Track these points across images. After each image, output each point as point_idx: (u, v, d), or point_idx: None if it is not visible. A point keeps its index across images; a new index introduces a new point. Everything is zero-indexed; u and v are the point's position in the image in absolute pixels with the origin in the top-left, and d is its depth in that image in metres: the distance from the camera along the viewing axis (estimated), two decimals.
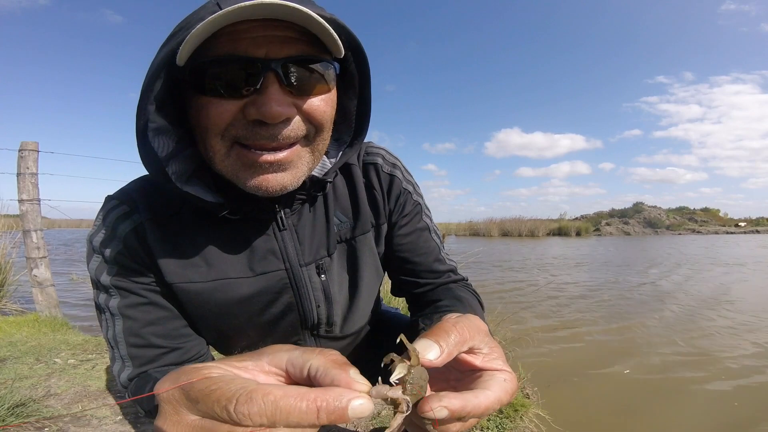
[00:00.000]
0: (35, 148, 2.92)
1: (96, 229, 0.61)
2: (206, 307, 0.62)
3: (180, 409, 0.29)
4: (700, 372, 2.67)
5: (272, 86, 0.48)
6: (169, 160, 0.55)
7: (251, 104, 0.49)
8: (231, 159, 0.53)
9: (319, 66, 0.52)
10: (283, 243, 0.65)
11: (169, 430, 0.29)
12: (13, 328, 2.57)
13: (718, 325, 3.78)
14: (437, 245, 0.80)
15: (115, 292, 0.60)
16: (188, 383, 0.29)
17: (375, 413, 1.60)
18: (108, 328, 0.61)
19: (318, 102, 0.53)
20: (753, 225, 35.47)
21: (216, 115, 0.49)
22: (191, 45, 0.46)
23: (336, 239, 0.70)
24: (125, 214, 0.60)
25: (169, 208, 0.61)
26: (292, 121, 0.51)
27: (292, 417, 0.26)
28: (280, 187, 0.54)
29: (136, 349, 0.60)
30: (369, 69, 0.59)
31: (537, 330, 3.45)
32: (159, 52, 0.50)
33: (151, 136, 0.52)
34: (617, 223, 31.61)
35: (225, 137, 0.51)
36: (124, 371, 0.61)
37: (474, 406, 0.33)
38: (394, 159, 0.76)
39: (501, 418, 1.55)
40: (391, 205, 0.75)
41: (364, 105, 0.63)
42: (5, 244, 3.25)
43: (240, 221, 0.62)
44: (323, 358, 0.30)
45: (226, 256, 0.63)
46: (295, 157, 0.54)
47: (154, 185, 0.63)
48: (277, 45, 0.49)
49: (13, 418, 1.35)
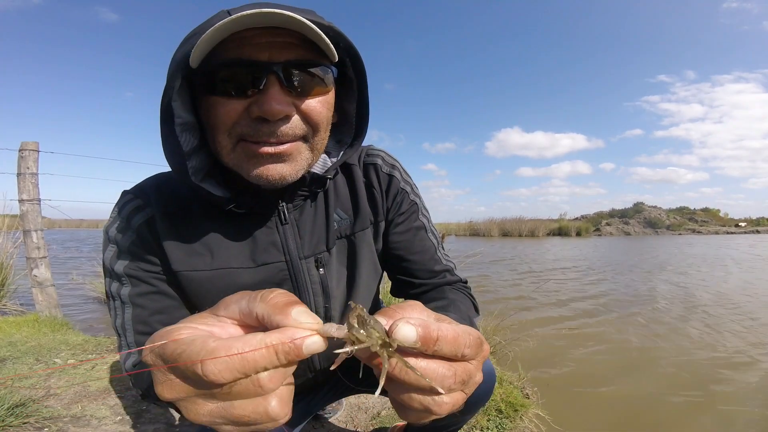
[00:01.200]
0: (35, 148, 2.92)
1: (112, 221, 0.66)
2: (208, 296, 0.66)
3: (167, 373, 0.30)
4: (701, 372, 2.67)
5: (273, 87, 0.53)
6: (190, 156, 0.59)
7: (254, 103, 0.54)
8: (236, 153, 0.57)
9: (317, 70, 0.57)
10: (284, 236, 0.69)
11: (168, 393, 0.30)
12: (13, 328, 2.57)
13: (725, 321, 3.78)
14: (433, 245, 0.81)
15: (126, 281, 0.64)
16: (159, 347, 0.30)
17: (375, 413, 1.60)
18: (117, 317, 0.65)
19: (315, 103, 0.57)
20: (753, 225, 35.46)
21: (224, 113, 0.54)
22: (203, 49, 0.51)
23: (336, 235, 0.74)
24: (139, 207, 0.65)
25: (179, 203, 0.66)
26: (291, 119, 0.56)
27: (260, 363, 0.28)
28: (279, 176, 0.57)
29: (142, 337, 0.64)
30: (365, 73, 0.63)
31: (537, 330, 3.45)
32: (175, 54, 0.55)
33: (179, 131, 0.56)
34: (617, 223, 31.60)
35: (231, 134, 0.56)
36: (129, 358, 0.65)
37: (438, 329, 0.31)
38: (393, 160, 0.81)
39: (501, 419, 1.55)
40: (389, 203, 0.78)
41: (363, 107, 0.67)
42: (6, 244, 3.25)
43: (245, 215, 0.66)
44: (264, 304, 0.31)
45: (229, 247, 0.67)
46: (294, 151, 0.58)
47: (166, 182, 0.69)
48: (279, 50, 0.54)
49: (13, 418, 1.35)
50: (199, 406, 0.30)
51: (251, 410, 0.29)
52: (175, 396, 0.30)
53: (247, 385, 0.28)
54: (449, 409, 0.34)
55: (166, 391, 0.30)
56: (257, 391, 0.29)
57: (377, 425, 1.52)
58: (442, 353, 0.31)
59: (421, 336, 0.30)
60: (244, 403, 0.29)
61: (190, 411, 0.31)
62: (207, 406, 0.30)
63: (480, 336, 0.35)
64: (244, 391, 0.29)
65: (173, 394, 0.30)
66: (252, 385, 0.28)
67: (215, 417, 0.30)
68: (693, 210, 39.81)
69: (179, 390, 0.30)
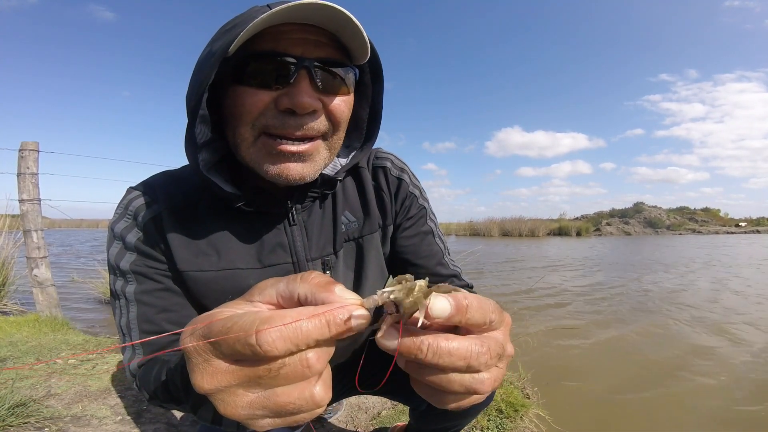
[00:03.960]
0: (35, 148, 2.92)
1: (117, 217, 0.65)
2: (213, 296, 0.65)
3: (210, 359, 0.29)
4: (703, 373, 2.67)
5: (304, 81, 0.54)
6: (202, 148, 0.59)
7: (284, 95, 0.54)
8: (256, 147, 0.57)
9: (342, 70, 0.58)
10: (292, 237, 0.68)
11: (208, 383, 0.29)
12: (13, 328, 2.57)
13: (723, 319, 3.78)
14: (441, 249, 0.81)
15: (132, 278, 0.63)
16: (204, 326, 0.29)
17: (375, 413, 1.60)
18: (122, 315, 0.63)
19: (339, 102, 0.58)
20: (753, 225, 35.44)
21: (251, 103, 0.54)
22: (244, 38, 0.51)
23: (344, 238, 0.73)
24: (146, 204, 0.64)
25: (187, 200, 0.65)
26: (317, 115, 0.56)
27: (312, 334, 0.27)
28: (299, 176, 0.58)
29: (148, 336, 0.62)
30: (383, 80, 0.64)
31: (537, 329, 3.44)
32: (212, 45, 0.55)
33: (197, 122, 0.56)
34: (617, 223, 31.59)
35: (255, 126, 0.56)
36: (134, 358, 0.62)
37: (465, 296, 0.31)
38: (402, 164, 0.80)
39: (501, 418, 1.55)
40: (397, 207, 0.78)
41: (374, 113, 0.68)
42: (6, 243, 3.25)
43: (253, 215, 0.65)
44: (307, 284, 0.31)
45: (236, 248, 0.66)
46: (315, 151, 0.58)
47: (174, 178, 0.68)
48: (312, 46, 0.55)
49: (14, 418, 1.35)
50: (239, 397, 0.29)
51: (297, 395, 0.28)
52: (215, 385, 0.29)
53: (296, 365, 0.28)
54: (491, 385, 0.33)
55: (206, 380, 0.29)
56: (304, 372, 0.28)
57: (377, 425, 1.52)
58: (474, 321, 0.31)
59: (454, 306, 0.30)
60: (288, 389, 0.28)
61: (229, 404, 0.29)
62: (248, 396, 0.29)
63: (496, 303, 0.34)
64: (292, 372, 0.28)
65: (213, 383, 0.29)
66: (300, 365, 0.28)
67: (256, 408, 0.29)
68: (693, 210, 39.81)
69: (221, 377, 0.29)
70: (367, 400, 1.68)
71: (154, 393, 0.57)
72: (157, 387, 0.55)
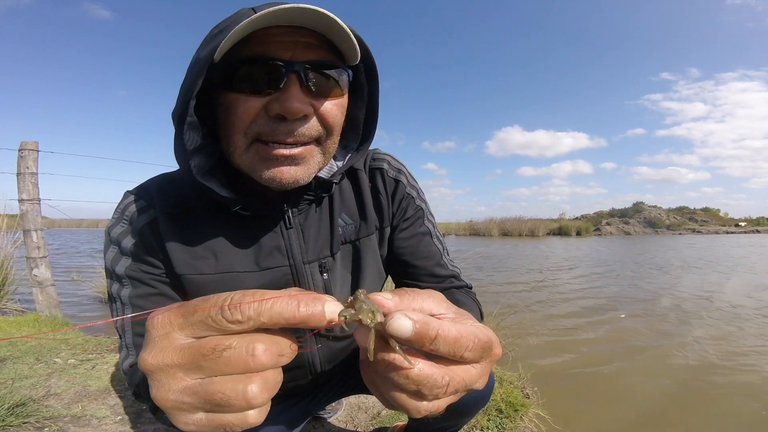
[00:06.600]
0: (35, 147, 2.92)
1: (114, 222, 0.65)
2: None
3: (171, 332, 0.29)
4: (705, 372, 2.67)
5: (294, 86, 0.53)
6: (193, 155, 0.58)
7: (274, 101, 0.53)
8: (250, 154, 0.57)
9: (335, 72, 0.57)
10: (288, 240, 0.68)
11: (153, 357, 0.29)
12: (13, 327, 2.57)
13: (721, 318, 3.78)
14: (439, 250, 0.80)
15: (127, 282, 0.64)
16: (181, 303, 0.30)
17: (375, 413, 1.60)
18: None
19: (331, 105, 0.57)
20: (753, 225, 35.44)
21: (242, 111, 0.54)
22: (230, 43, 0.50)
23: (340, 240, 0.73)
24: (142, 209, 0.64)
25: (183, 204, 0.65)
26: (309, 119, 0.55)
27: (275, 307, 0.28)
28: (293, 179, 0.57)
29: (140, 338, 0.63)
30: (378, 79, 0.63)
31: (538, 329, 3.44)
32: (200, 52, 0.54)
33: (185, 129, 0.55)
34: (617, 222, 31.58)
35: (248, 134, 0.55)
36: (127, 359, 0.64)
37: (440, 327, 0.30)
38: (400, 165, 0.80)
39: (501, 418, 1.55)
40: (394, 208, 0.77)
41: (371, 113, 0.67)
42: (6, 243, 3.25)
43: (249, 219, 0.65)
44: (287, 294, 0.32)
45: (234, 251, 0.66)
46: (308, 155, 0.58)
47: (170, 182, 0.68)
48: (302, 49, 0.53)
49: (13, 418, 1.35)
50: (176, 381, 0.29)
51: (230, 386, 0.28)
52: (159, 360, 0.29)
53: (240, 350, 0.27)
54: (426, 413, 0.33)
55: (152, 355, 0.29)
56: (247, 361, 0.27)
57: (377, 425, 1.52)
58: (438, 352, 0.30)
59: (417, 332, 0.29)
60: (224, 378, 0.28)
61: (163, 385, 0.29)
62: (184, 381, 0.29)
63: (490, 339, 0.33)
64: (235, 357, 0.27)
65: (158, 359, 0.29)
66: (245, 352, 0.27)
67: (186, 395, 0.28)
68: (693, 210, 39.78)
69: (168, 354, 0.28)
70: (367, 400, 1.68)
71: (137, 391, 0.60)
72: (139, 383, 0.59)
